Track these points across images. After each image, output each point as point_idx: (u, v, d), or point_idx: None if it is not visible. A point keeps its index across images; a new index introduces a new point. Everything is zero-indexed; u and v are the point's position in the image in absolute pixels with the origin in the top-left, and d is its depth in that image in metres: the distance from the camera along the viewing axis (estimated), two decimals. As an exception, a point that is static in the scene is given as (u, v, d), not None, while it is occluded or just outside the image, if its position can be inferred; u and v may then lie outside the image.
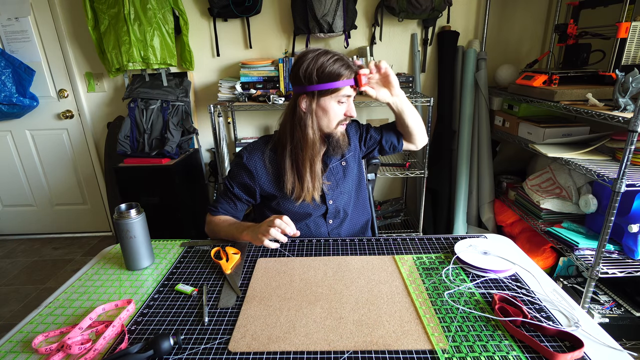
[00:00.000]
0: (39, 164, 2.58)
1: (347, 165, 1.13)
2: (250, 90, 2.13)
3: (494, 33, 2.21)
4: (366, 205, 1.22)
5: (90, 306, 0.78)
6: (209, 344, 0.66)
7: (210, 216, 1.11)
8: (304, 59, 0.94)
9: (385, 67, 0.98)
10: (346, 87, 0.94)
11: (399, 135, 1.17)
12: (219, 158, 2.05)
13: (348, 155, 1.13)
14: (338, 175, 1.11)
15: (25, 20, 2.23)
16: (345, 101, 0.98)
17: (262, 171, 1.05)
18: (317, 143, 0.99)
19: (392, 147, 1.17)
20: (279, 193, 1.06)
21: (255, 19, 2.19)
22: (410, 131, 1.12)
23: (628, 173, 1.27)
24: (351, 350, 0.63)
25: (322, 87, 0.93)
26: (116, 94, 2.40)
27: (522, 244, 1.88)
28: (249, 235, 0.95)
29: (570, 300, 0.76)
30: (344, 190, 1.12)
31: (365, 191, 1.21)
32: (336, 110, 0.97)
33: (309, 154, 0.99)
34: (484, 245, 0.94)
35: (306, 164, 0.99)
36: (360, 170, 1.17)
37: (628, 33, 1.50)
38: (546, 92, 1.66)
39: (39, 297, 2.06)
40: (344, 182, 1.12)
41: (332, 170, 1.10)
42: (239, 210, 1.12)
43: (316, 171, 1.01)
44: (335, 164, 1.11)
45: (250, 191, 1.08)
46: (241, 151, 1.07)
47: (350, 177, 1.13)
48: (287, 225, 0.88)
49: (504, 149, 2.31)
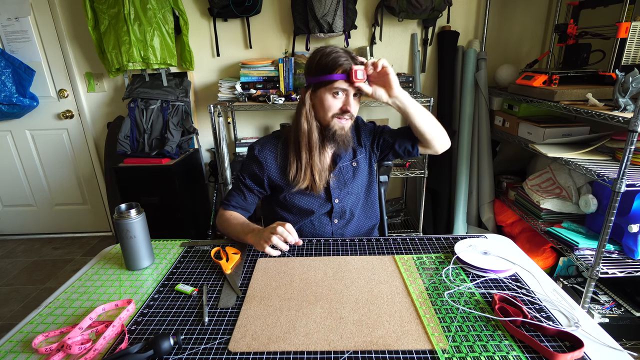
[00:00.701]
0: (39, 164, 2.58)
1: (358, 167, 1.13)
2: (250, 90, 2.13)
3: (494, 33, 2.21)
4: (375, 209, 1.20)
5: (90, 306, 0.78)
6: (209, 344, 0.66)
7: (222, 210, 1.13)
8: (312, 54, 1.00)
9: (383, 65, 0.95)
10: (340, 80, 0.95)
11: (414, 140, 1.09)
12: (219, 158, 2.05)
13: (360, 156, 1.13)
14: (347, 175, 1.12)
15: (25, 20, 2.23)
16: (340, 95, 0.98)
17: (272, 162, 1.08)
18: (313, 133, 1.02)
19: (406, 152, 1.11)
20: (285, 184, 1.09)
21: (255, 19, 2.19)
22: (423, 135, 1.05)
23: (628, 173, 1.27)
24: (351, 350, 0.63)
25: (317, 80, 0.97)
26: (116, 94, 2.40)
27: (522, 244, 1.88)
28: (252, 238, 0.96)
29: (570, 300, 0.76)
30: (351, 191, 1.12)
31: (376, 195, 1.20)
32: (330, 103, 0.98)
33: (304, 142, 1.02)
34: (484, 245, 0.94)
35: (303, 153, 1.02)
36: (371, 173, 1.17)
37: (628, 33, 1.50)
38: (546, 92, 1.66)
39: (39, 297, 2.06)
40: (352, 183, 1.12)
41: (341, 169, 1.11)
42: (250, 203, 1.14)
43: (315, 161, 1.03)
44: (346, 164, 1.11)
45: (259, 181, 1.10)
46: (254, 144, 1.12)
47: (359, 179, 1.13)
48: (289, 234, 0.90)
49: (504, 149, 2.31)
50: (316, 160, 1.04)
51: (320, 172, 1.05)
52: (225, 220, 1.09)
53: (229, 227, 1.07)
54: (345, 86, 0.96)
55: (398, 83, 0.98)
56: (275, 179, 1.09)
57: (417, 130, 1.05)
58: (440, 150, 1.11)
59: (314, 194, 1.09)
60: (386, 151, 1.15)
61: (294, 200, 1.10)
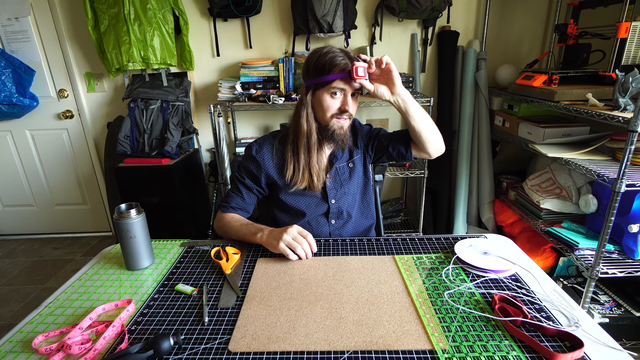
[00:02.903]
0: (39, 164, 2.58)
1: (354, 168, 1.13)
2: (250, 90, 2.13)
3: (494, 33, 2.21)
4: (371, 209, 1.21)
5: (90, 306, 0.78)
6: (209, 344, 0.66)
7: (221, 213, 1.11)
8: (309, 56, 1.00)
9: (387, 62, 0.94)
10: (337, 80, 0.95)
11: (408, 143, 1.09)
12: (219, 158, 2.05)
13: (356, 157, 1.14)
14: (344, 175, 1.12)
15: (25, 20, 2.23)
16: (339, 95, 0.98)
17: (269, 161, 1.09)
18: (313, 134, 1.02)
19: (400, 155, 1.11)
20: (282, 183, 1.09)
21: (255, 19, 2.19)
22: (420, 136, 1.04)
23: (628, 173, 1.27)
24: (351, 350, 0.63)
25: (315, 81, 0.97)
26: (116, 94, 2.40)
27: (522, 244, 1.88)
28: (264, 238, 0.95)
29: (570, 300, 0.76)
30: (348, 192, 1.12)
31: (372, 195, 1.20)
32: (329, 103, 0.98)
33: (303, 143, 1.03)
34: (484, 245, 0.94)
35: (301, 153, 1.03)
36: (366, 173, 1.17)
37: (628, 33, 1.50)
38: (546, 92, 1.66)
39: (39, 297, 2.06)
40: (349, 184, 1.12)
41: (338, 170, 1.11)
42: (249, 204, 1.13)
43: (313, 162, 1.04)
44: (342, 165, 1.12)
45: (257, 180, 1.11)
46: (251, 144, 1.12)
47: (355, 180, 1.14)
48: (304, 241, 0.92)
49: (504, 149, 2.31)
50: (314, 161, 1.04)
51: (318, 172, 1.06)
52: (226, 223, 1.07)
53: (230, 229, 1.05)
54: (343, 85, 0.96)
55: (400, 80, 0.97)
56: (273, 178, 1.09)
57: (414, 131, 1.04)
58: (434, 155, 1.09)
59: (311, 195, 1.10)
60: (380, 153, 1.15)
61: (290, 201, 1.10)
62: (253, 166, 1.09)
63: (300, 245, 0.91)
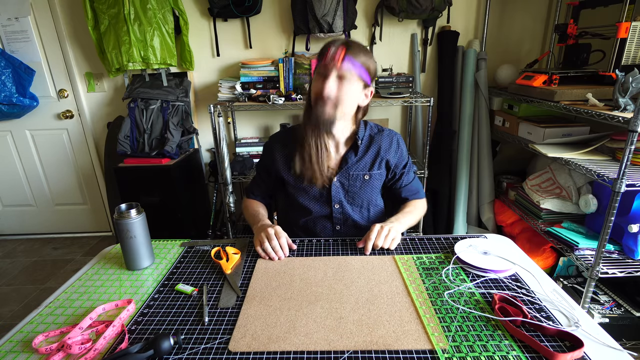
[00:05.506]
0: (39, 164, 2.58)
1: (370, 181, 1.11)
2: (250, 90, 2.13)
3: (494, 33, 2.21)
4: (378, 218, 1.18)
5: (90, 306, 0.78)
6: (209, 343, 0.66)
7: (245, 198, 1.24)
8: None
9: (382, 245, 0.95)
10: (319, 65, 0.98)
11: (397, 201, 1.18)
12: (219, 158, 2.04)
13: (376, 171, 1.11)
14: (355, 186, 1.10)
15: (25, 20, 2.23)
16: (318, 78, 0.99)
17: (280, 156, 1.13)
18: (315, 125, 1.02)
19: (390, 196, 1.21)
20: (290, 178, 1.12)
21: (255, 19, 2.19)
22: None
23: (628, 173, 1.27)
24: (351, 350, 0.63)
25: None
26: (116, 94, 2.40)
27: (522, 244, 1.87)
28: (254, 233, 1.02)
29: (570, 300, 0.76)
30: (356, 203, 1.12)
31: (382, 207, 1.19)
32: (313, 88, 1.01)
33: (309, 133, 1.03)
34: (484, 245, 0.94)
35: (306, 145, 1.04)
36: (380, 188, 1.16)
37: (628, 33, 1.50)
38: (546, 92, 1.66)
39: (39, 297, 2.06)
40: (359, 195, 1.11)
41: (350, 176, 1.09)
42: (269, 189, 1.22)
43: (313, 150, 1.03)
44: (356, 173, 1.09)
45: (270, 173, 1.17)
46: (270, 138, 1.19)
47: (367, 192, 1.12)
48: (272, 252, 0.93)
49: (504, 149, 2.31)
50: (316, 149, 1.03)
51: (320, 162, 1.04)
52: (245, 207, 1.20)
53: (247, 215, 1.16)
54: (322, 70, 0.97)
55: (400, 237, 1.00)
56: (282, 172, 1.13)
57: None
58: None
59: (315, 193, 1.10)
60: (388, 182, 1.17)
61: (298, 198, 1.13)
62: (268, 160, 1.15)
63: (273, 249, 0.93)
